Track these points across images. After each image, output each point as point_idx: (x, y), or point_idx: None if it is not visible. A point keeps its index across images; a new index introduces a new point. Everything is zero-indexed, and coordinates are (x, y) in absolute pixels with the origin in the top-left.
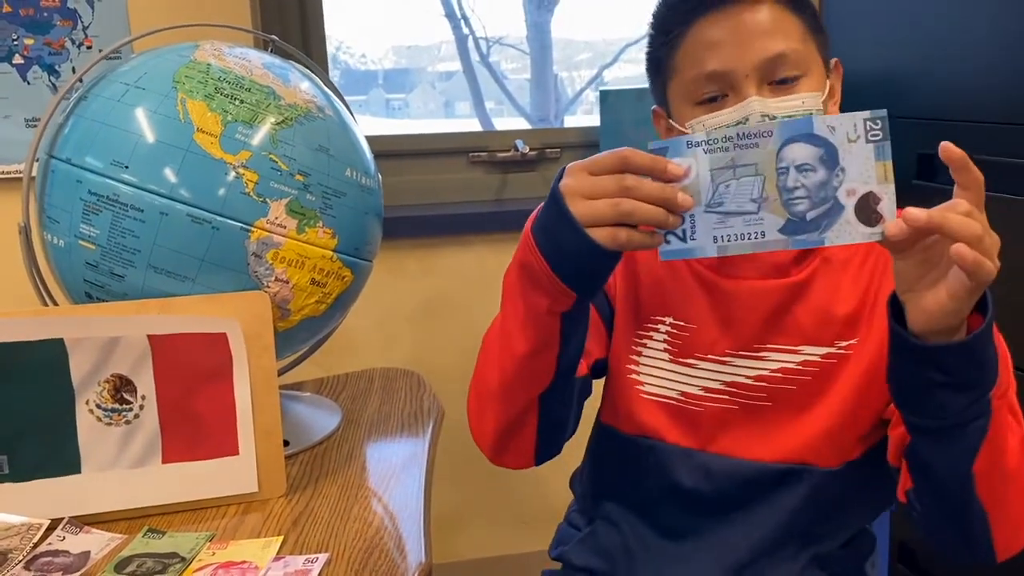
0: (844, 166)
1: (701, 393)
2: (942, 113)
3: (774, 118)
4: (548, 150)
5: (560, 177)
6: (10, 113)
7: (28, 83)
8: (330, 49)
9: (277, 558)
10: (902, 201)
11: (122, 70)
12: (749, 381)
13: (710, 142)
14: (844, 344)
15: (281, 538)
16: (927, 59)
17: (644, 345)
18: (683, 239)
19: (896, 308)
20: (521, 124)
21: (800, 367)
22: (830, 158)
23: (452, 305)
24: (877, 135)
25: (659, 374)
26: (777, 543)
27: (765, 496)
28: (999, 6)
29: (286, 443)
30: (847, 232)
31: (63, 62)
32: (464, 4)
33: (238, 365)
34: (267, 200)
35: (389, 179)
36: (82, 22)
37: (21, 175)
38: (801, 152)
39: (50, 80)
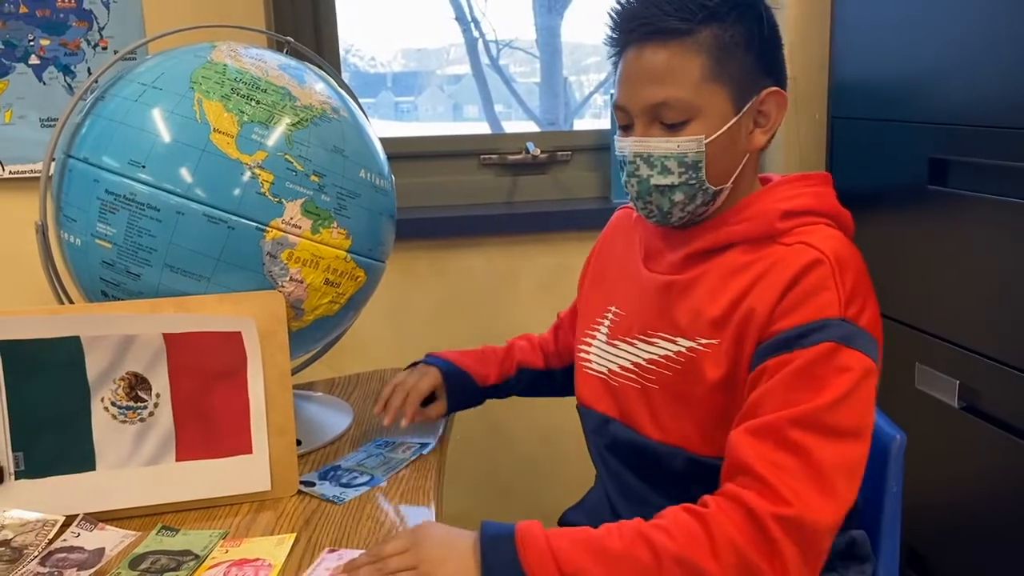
0: None
1: (618, 370)
2: (954, 118)
3: (649, 157)
4: (559, 152)
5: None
6: (26, 113)
7: (44, 83)
8: (340, 52)
9: (331, 550)
10: (915, 205)
11: (139, 70)
12: (644, 363)
13: None
14: (704, 342)
15: (294, 535)
16: (939, 64)
17: (597, 330)
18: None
19: None
20: (530, 127)
21: (675, 356)
22: None
23: (463, 306)
24: None
25: (598, 353)
26: None
27: (658, 471)
28: (1013, 11)
29: (298, 442)
30: None
31: (79, 63)
32: (475, 7)
33: (252, 364)
34: (282, 200)
35: (401, 181)
36: (98, 23)
37: (38, 175)
38: None
39: (66, 80)
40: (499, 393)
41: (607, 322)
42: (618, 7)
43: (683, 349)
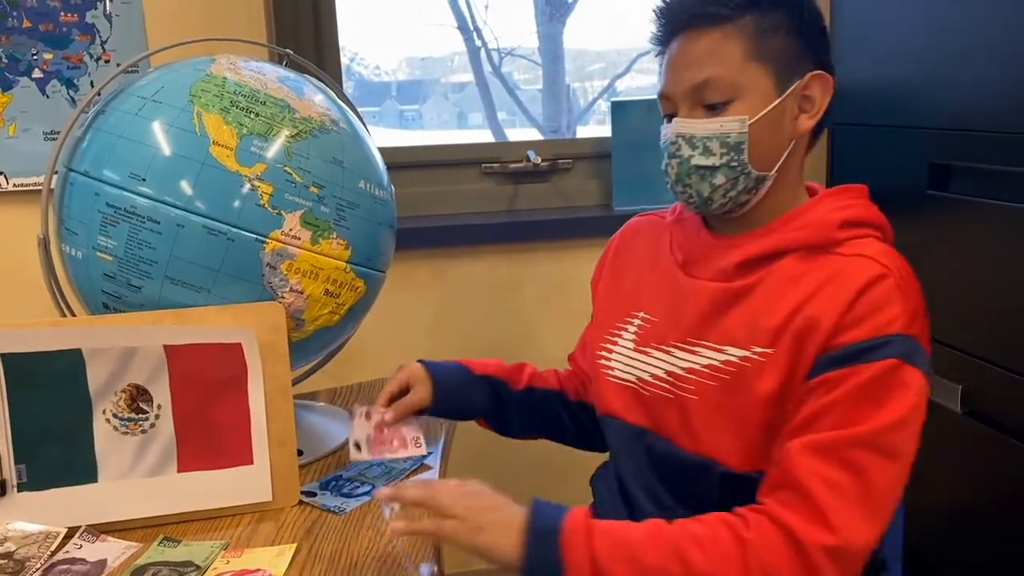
0: None
1: (650, 379)
2: (955, 123)
3: (692, 139)
4: (560, 161)
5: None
6: (30, 127)
7: (47, 97)
8: (344, 60)
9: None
10: (915, 211)
11: (139, 84)
12: (682, 372)
13: None
14: (759, 351)
15: (295, 546)
16: (939, 69)
17: (620, 335)
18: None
19: None
20: (533, 135)
21: (722, 365)
22: None
23: (464, 315)
24: None
25: (624, 360)
26: None
27: (692, 484)
28: (1013, 15)
29: (300, 452)
30: None
31: (81, 76)
32: (477, 16)
33: (253, 375)
34: (282, 212)
35: (402, 190)
36: (100, 37)
37: (40, 187)
38: None
39: (69, 94)
40: (503, 400)
41: (633, 328)
42: (662, 3)
43: (733, 359)
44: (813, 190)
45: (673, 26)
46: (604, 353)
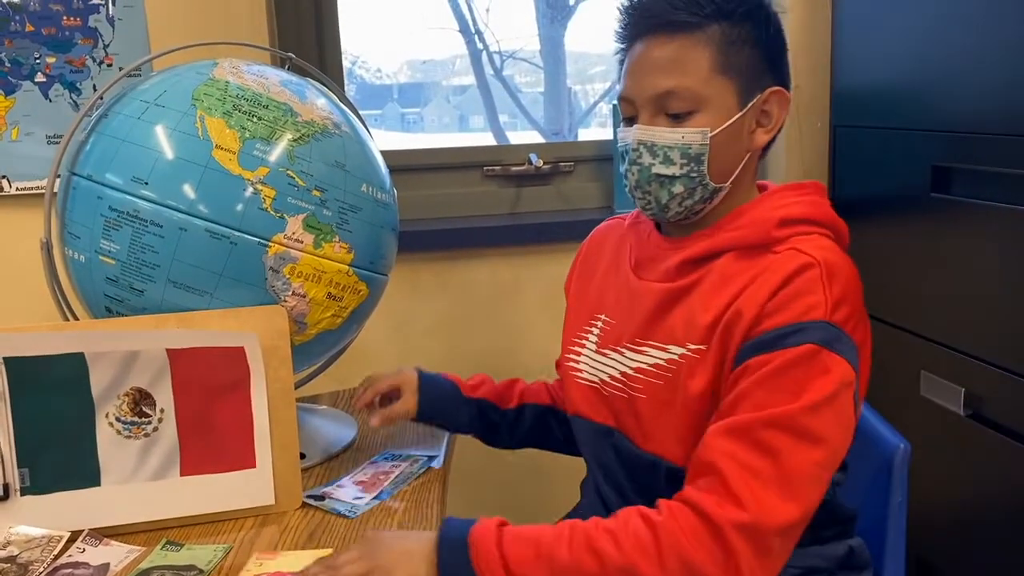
0: None
1: (609, 380)
2: (958, 125)
3: (652, 147)
4: (562, 164)
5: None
6: (32, 130)
7: (50, 101)
8: (346, 64)
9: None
10: (918, 213)
11: (142, 88)
12: (632, 372)
13: None
14: (694, 347)
15: (330, 551)
16: (942, 71)
17: (586, 338)
18: None
19: None
20: (535, 138)
21: (666, 364)
22: None
23: (467, 318)
24: None
25: (588, 362)
26: None
27: (648, 482)
28: (1016, 17)
29: (303, 456)
30: None
31: (84, 80)
32: (478, 19)
33: (256, 378)
34: (284, 215)
35: (404, 193)
36: (103, 40)
37: (43, 191)
38: None
39: (71, 98)
40: (491, 421)
41: (596, 331)
42: (627, 2)
43: (674, 357)
44: (762, 187)
45: (638, 28)
46: (573, 356)
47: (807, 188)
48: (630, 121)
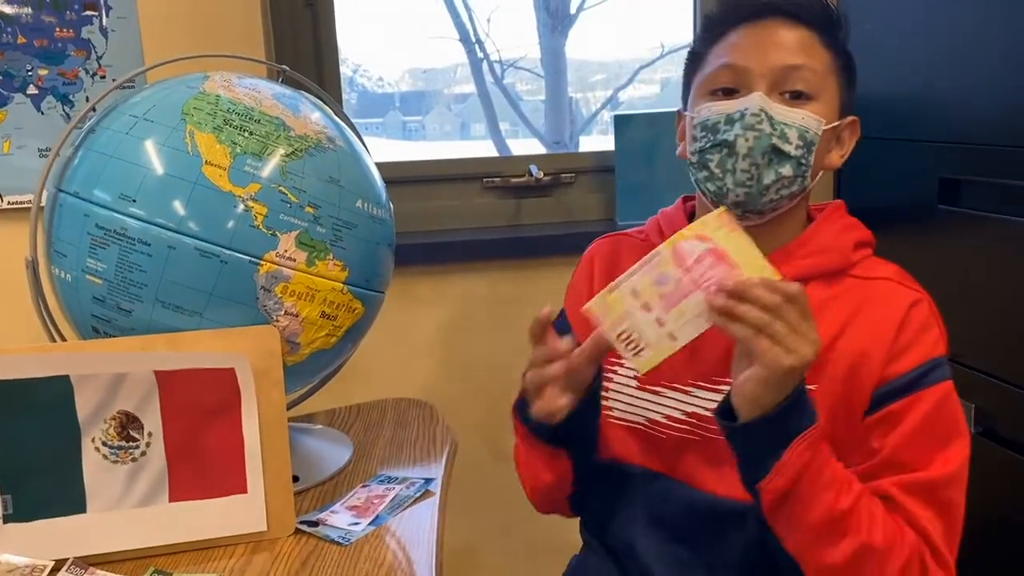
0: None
1: (664, 421)
2: (966, 137)
3: (772, 118)
4: (562, 175)
5: None
6: (24, 143)
7: (42, 113)
8: (347, 72)
9: None
10: (926, 226)
11: (132, 102)
12: (707, 413)
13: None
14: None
15: None
16: (950, 82)
17: (615, 371)
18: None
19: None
20: (536, 146)
21: None
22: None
23: (465, 332)
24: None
25: (627, 400)
26: None
27: (721, 530)
28: (1022, 27)
29: (296, 478)
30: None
31: (77, 92)
32: (479, 28)
33: (246, 401)
34: (276, 233)
35: (402, 205)
36: (96, 52)
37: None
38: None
39: (64, 110)
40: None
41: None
42: None
43: None
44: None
45: (762, 9)
46: (601, 392)
47: (841, 208)
48: (729, 92)
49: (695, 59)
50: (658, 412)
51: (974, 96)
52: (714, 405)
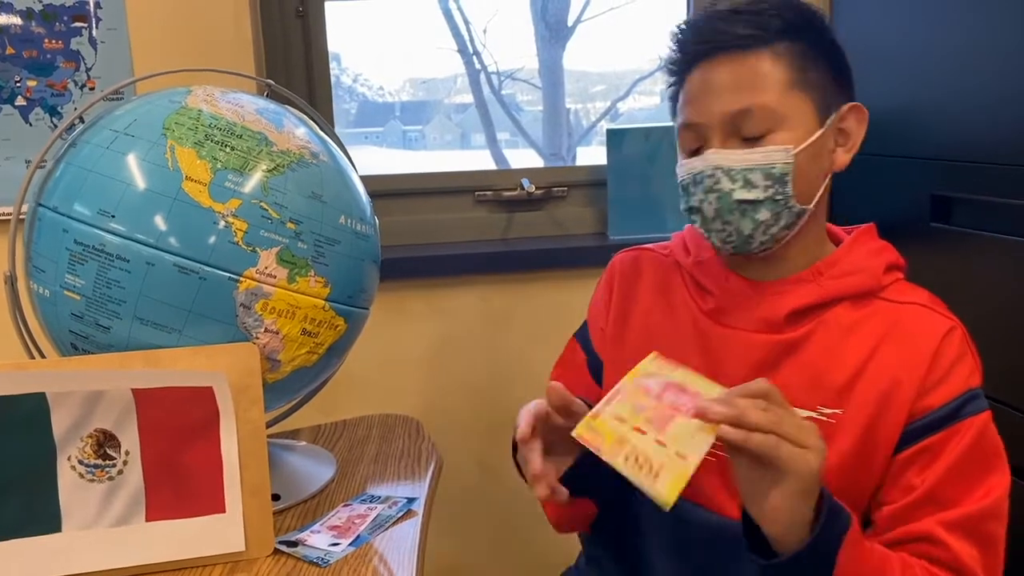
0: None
1: None
2: (958, 154)
3: (730, 171)
4: (555, 188)
5: None
6: (12, 155)
7: (30, 125)
8: (347, 81)
9: None
10: (918, 243)
11: (113, 115)
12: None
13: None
14: (828, 412)
15: None
16: (942, 97)
17: None
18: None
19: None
20: (535, 156)
21: None
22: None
23: (456, 346)
24: None
25: None
26: None
27: (738, 555)
28: (1018, 44)
29: (277, 497)
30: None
31: (66, 104)
32: (476, 39)
33: (225, 419)
34: (256, 249)
35: (393, 218)
36: (85, 64)
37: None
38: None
39: (52, 122)
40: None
41: None
42: (684, 27)
43: None
44: (831, 231)
45: (699, 52)
46: None
47: (872, 230)
48: (695, 152)
49: (673, 106)
50: None
51: (967, 111)
52: None
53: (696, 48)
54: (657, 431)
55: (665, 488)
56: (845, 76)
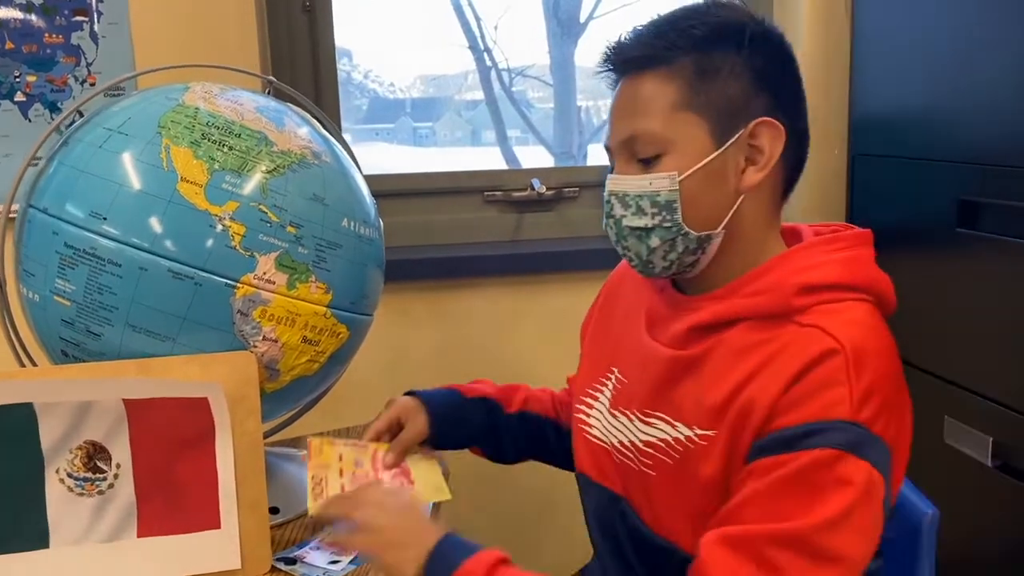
0: None
1: (619, 446)
2: (986, 158)
3: (624, 197)
4: (566, 189)
5: None
6: (11, 152)
7: (30, 121)
8: (358, 77)
9: None
10: (943, 249)
11: (107, 113)
12: (642, 445)
13: None
14: (701, 432)
15: None
16: (969, 100)
17: (600, 392)
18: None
19: None
20: (545, 154)
21: (673, 443)
22: None
23: (464, 350)
24: None
25: (600, 420)
26: None
27: (655, 566)
28: None
29: (276, 510)
30: None
31: (66, 99)
32: (487, 36)
33: (221, 431)
34: (255, 254)
35: (400, 219)
36: (86, 59)
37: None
38: None
39: (52, 118)
40: (497, 424)
41: (610, 385)
42: (610, 44)
43: (681, 437)
44: (795, 232)
45: (616, 71)
46: (584, 408)
47: (846, 240)
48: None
49: None
50: (617, 437)
51: (995, 113)
52: (647, 437)
53: (613, 67)
54: (350, 483)
55: (312, 505)
56: (772, 89)
